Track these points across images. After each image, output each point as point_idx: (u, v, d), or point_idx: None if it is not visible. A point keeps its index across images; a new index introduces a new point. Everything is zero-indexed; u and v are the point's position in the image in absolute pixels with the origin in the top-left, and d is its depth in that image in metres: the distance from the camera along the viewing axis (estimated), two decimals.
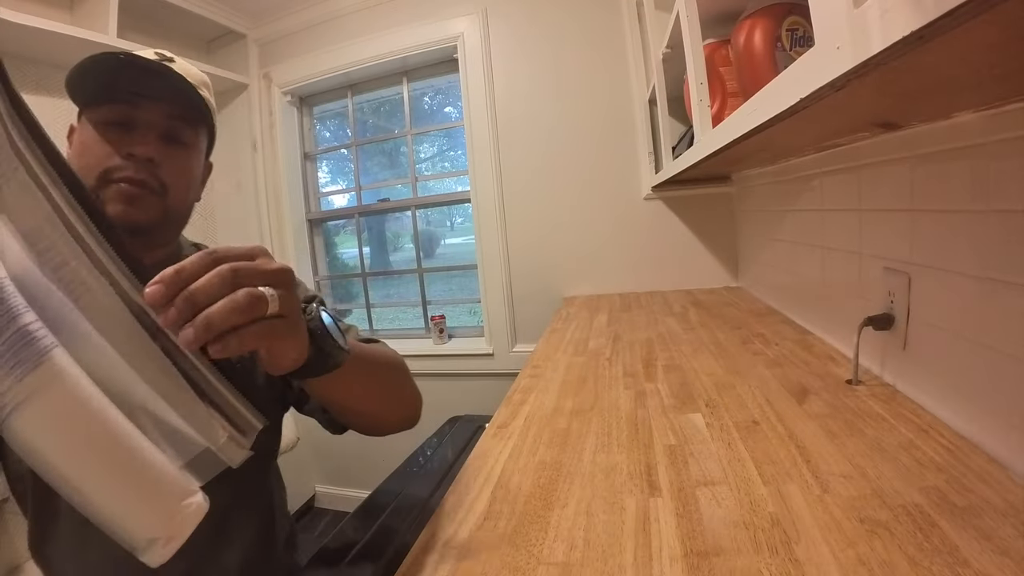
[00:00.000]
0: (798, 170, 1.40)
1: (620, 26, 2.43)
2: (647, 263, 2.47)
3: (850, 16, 0.39)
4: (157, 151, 0.77)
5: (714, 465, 0.77)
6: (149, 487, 0.38)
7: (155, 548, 0.37)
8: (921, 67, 0.42)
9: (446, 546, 0.66)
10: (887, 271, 0.95)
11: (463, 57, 2.64)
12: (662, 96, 1.90)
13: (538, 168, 2.57)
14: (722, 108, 1.25)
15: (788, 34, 0.95)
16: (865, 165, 1.02)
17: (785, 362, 1.17)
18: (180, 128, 0.82)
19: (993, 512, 0.57)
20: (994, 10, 0.27)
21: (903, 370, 0.93)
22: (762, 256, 1.94)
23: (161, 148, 0.78)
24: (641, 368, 1.27)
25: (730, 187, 2.31)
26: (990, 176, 0.68)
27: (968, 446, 0.72)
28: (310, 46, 2.92)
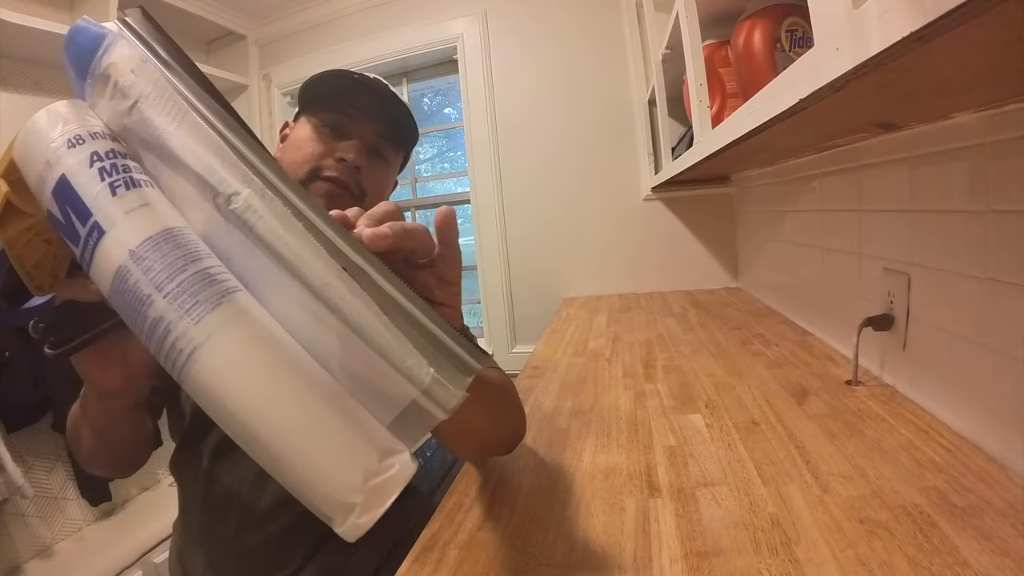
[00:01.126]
0: (797, 171, 1.40)
1: (620, 27, 2.44)
2: (647, 264, 2.47)
3: (849, 17, 0.39)
4: (364, 161, 0.87)
5: (714, 466, 0.77)
6: (344, 441, 0.32)
7: (350, 517, 0.31)
8: (920, 68, 0.42)
9: (446, 546, 0.66)
10: (886, 272, 0.95)
11: (463, 58, 2.65)
12: (662, 97, 1.90)
13: (538, 169, 2.57)
14: (722, 109, 1.25)
15: (787, 35, 0.95)
16: (864, 166, 1.02)
17: (785, 363, 1.17)
18: (385, 146, 0.92)
19: (993, 512, 0.57)
20: (993, 11, 0.27)
21: (903, 371, 0.93)
22: (762, 257, 1.94)
23: (366, 159, 0.88)
24: (641, 369, 1.27)
25: (730, 188, 2.31)
26: (989, 177, 0.68)
27: (968, 446, 0.72)
28: (310, 47, 2.92)
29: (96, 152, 0.37)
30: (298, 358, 0.33)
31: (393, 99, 0.89)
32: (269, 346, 0.33)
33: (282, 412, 0.32)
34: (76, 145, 0.37)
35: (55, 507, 2.14)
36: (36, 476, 2.07)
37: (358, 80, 0.87)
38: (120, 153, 0.38)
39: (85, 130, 0.38)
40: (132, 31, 0.39)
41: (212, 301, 0.32)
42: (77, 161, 0.37)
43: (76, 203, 0.36)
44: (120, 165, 0.37)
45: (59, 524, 2.14)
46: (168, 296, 0.32)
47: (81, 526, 2.21)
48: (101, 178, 0.36)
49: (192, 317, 0.32)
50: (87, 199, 0.36)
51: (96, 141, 0.38)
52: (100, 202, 0.35)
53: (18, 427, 2.01)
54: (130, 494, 2.44)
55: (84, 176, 0.36)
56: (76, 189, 0.36)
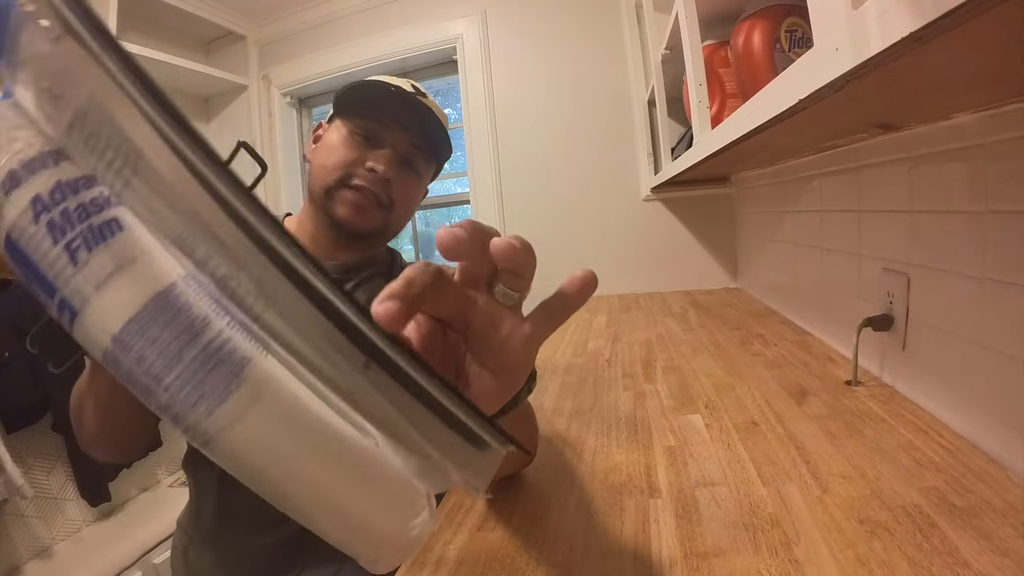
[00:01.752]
0: (797, 171, 1.40)
1: (619, 27, 2.44)
2: (646, 264, 2.47)
3: (849, 17, 0.39)
4: (394, 172, 0.88)
5: (713, 466, 0.77)
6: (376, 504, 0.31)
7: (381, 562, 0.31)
8: (920, 68, 0.42)
9: (446, 547, 0.65)
10: (886, 272, 0.95)
11: (462, 59, 2.65)
12: (661, 97, 1.91)
13: (537, 169, 2.58)
14: (721, 109, 1.25)
15: (787, 35, 0.95)
16: (864, 166, 1.02)
17: (784, 363, 1.17)
18: (417, 156, 0.92)
19: (992, 512, 0.57)
20: (992, 11, 0.27)
21: (902, 371, 0.93)
22: (761, 257, 1.95)
23: (397, 170, 0.89)
24: (640, 369, 1.27)
25: (729, 188, 2.31)
26: (988, 177, 0.68)
27: (967, 446, 0.72)
28: (309, 47, 2.92)
29: (39, 197, 0.27)
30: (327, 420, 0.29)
31: (428, 113, 0.89)
32: (296, 417, 0.28)
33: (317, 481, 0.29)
34: (10, 190, 0.27)
35: (55, 507, 2.14)
36: (35, 476, 2.08)
37: (395, 92, 0.87)
38: (69, 185, 0.27)
39: (17, 159, 0.27)
40: None
41: (221, 390, 0.26)
42: (18, 214, 0.27)
43: (34, 271, 0.27)
44: (73, 210, 0.27)
45: (59, 524, 2.14)
46: (170, 390, 0.26)
47: (80, 526, 2.22)
48: (54, 240, 0.26)
49: (203, 410, 0.26)
50: (45, 270, 0.27)
51: (35, 176, 0.27)
52: (62, 275, 0.26)
53: (18, 427, 2.02)
54: (130, 494, 2.44)
55: (32, 238, 0.27)
56: (29, 255, 0.27)
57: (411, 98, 0.88)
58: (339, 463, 0.29)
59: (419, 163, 0.93)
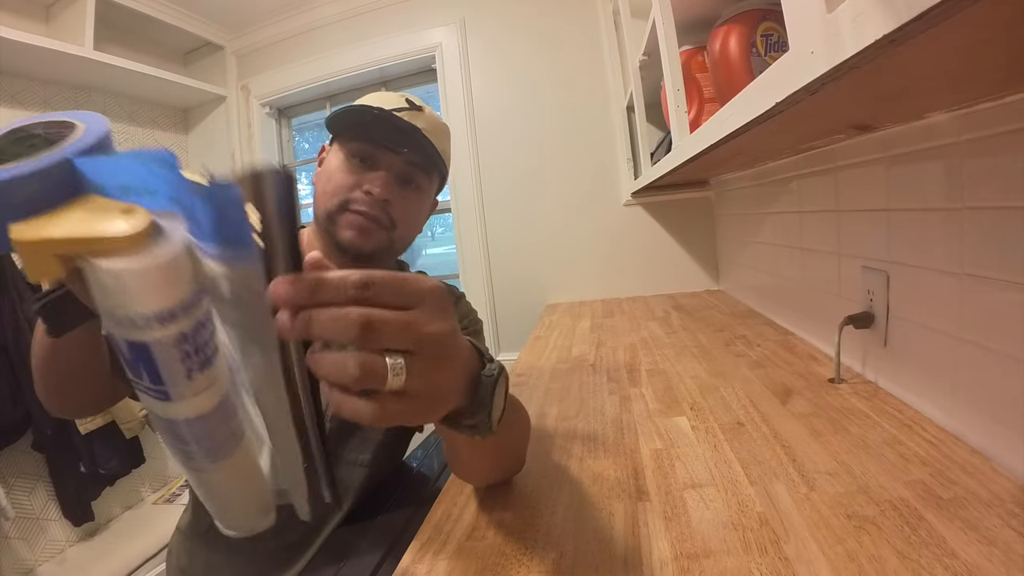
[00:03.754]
0: (775, 173, 1.42)
1: (597, 34, 2.46)
2: (628, 268, 2.48)
3: (823, 21, 0.40)
4: (391, 192, 0.89)
5: (701, 467, 0.77)
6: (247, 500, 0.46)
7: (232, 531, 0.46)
8: (894, 69, 0.43)
9: (436, 556, 0.65)
10: (866, 270, 0.96)
11: (441, 67, 2.65)
12: (640, 103, 1.92)
13: (518, 177, 2.58)
14: (699, 114, 1.26)
15: (763, 39, 0.96)
16: (841, 167, 1.04)
17: (768, 363, 1.18)
18: (415, 173, 0.92)
19: (978, 503, 0.58)
20: (964, 12, 0.28)
21: (884, 367, 0.94)
22: (742, 259, 1.96)
23: (396, 189, 0.90)
24: (625, 373, 1.27)
25: (709, 191, 2.33)
26: (964, 174, 0.69)
27: (951, 439, 0.73)
28: (288, 57, 2.91)
29: (184, 334, 0.35)
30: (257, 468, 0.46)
31: (414, 131, 0.89)
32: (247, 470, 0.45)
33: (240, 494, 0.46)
34: (167, 323, 0.34)
35: (37, 528, 2.10)
36: (17, 496, 2.04)
37: (377, 114, 0.87)
38: (204, 324, 0.37)
39: (180, 304, 0.35)
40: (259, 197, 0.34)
41: (225, 453, 0.42)
42: (163, 337, 0.35)
43: (151, 367, 0.35)
44: (201, 344, 0.37)
45: (41, 545, 2.10)
46: (203, 449, 0.40)
47: (64, 547, 2.18)
48: (182, 360, 0.36)
49: (211, 458, 0.41)
50: (164, 372, 0.36)
51: (186, 317, 0.35)
52: (175, 378, 0.36)
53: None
54: (113, 513, 2.41)
55: (167, 354, 0.35)
56: (156, 361, 0.35)
57: (394, 119, 0.87)
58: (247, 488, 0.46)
59: (419, 179, 0.94)
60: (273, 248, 0.34)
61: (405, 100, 0.92)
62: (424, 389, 0.38)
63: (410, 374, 0.36)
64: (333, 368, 0.35)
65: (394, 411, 0.37)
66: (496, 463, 0.73)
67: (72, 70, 2.32)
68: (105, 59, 2.29)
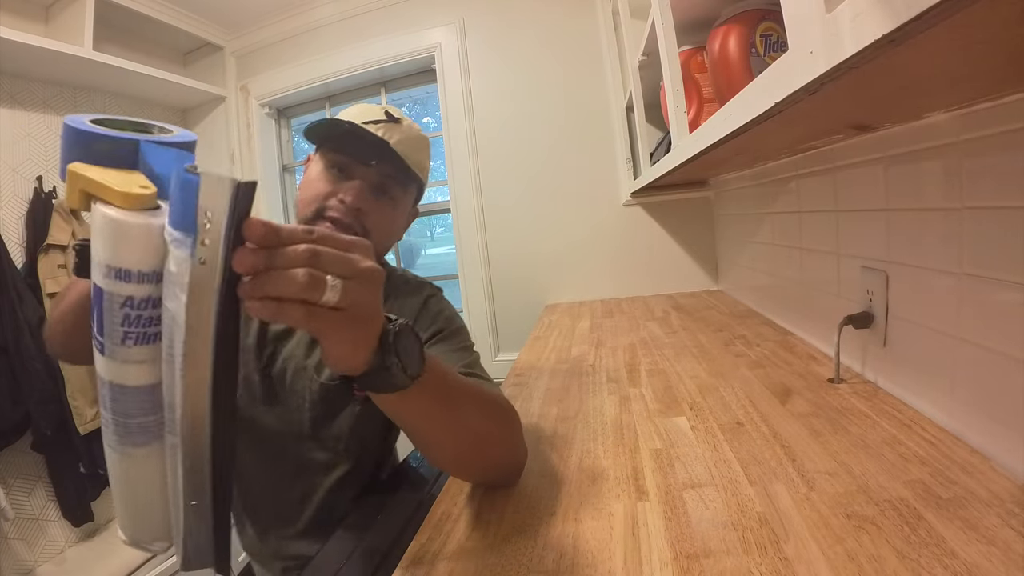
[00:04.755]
0: (775, 173, 1.42)
1: (596, 34, 2.46)
2: (628, 269, 2.48)
3: (822, 21, 0.40)
4: (365, 202, 0.91)
5: (700, 467, 0.77)
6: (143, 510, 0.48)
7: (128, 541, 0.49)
8: (893, 69, 0.43)
9: (435, 557, 0.65)
10: (865, 270, 0.96)
11: (441, 67, 2.65)
12: (639, 103, 1.92)
13: (517, 177, 2.58)
14: (698, 114, 1.26)
15: (762, 40, 0.96)
16: (840, 167, 1.04)
17: (767, 363, 1.18)
18: (390, 184, 0.95)
19: (978, 502, 0.58)
20: (963, 12, 0.28)
21: (884, 367, 0.94)
22: (742, 259, 1.96)
23: (370, 200, 0.92)
24: (625, 373, 1.28)
25: (708, 191, 2.33)
26: (963, 174, 0.69)
27: (950, 439, 0.73)
28: (287, 58, 2.91)
29: (132, 298, 0.41)
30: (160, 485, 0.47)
31: (383, 145, 0.90)
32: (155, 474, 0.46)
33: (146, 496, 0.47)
34: (122, 279, 0.40)
35: (37, 529, 2.10)
36: (16, 497, 2.04)
37: (348, 129, 0.90)
38: (151, 305, 0.42)
39: (138, 268, 0.40)
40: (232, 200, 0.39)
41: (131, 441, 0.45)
42: (115, 292, 0.40)
43: (99, 314, 0.41)
44: (146, 318, 0.42)
45: (41, 546, 2.10)
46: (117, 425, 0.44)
47: (63, 548, 2.18)
48: (122, 322, 0.41)
49: (119, 438, 0.44)
50: (106, 324, 0.41)
51: (139, 285, 0.41)
52: (112, 335, 0.41)
53: None
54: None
55: (112, 309, 0.41)
56: (103, 310, 0.41)
57: (362, 132, 0.90)
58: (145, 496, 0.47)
59: (393, 189, 0.96)
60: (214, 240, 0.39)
61: (384, 112, 0.95)
62: (350, 307, 0.46)
63: (343, 292, 0.44)
64: (283, 279, 0.41)
65: (323, 318, 0.45)
66: (457, 440, 0.69)
67: (72, 70, 2.31)
68: (104, 59, 2.29)
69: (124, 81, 2.55)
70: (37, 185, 2.24)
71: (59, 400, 2.11)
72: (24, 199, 2.22)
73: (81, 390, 2.16)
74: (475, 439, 0.71)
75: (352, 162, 0.92)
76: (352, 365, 0.51)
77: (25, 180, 2.23)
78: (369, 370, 0.52)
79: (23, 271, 2.14)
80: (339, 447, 0.97)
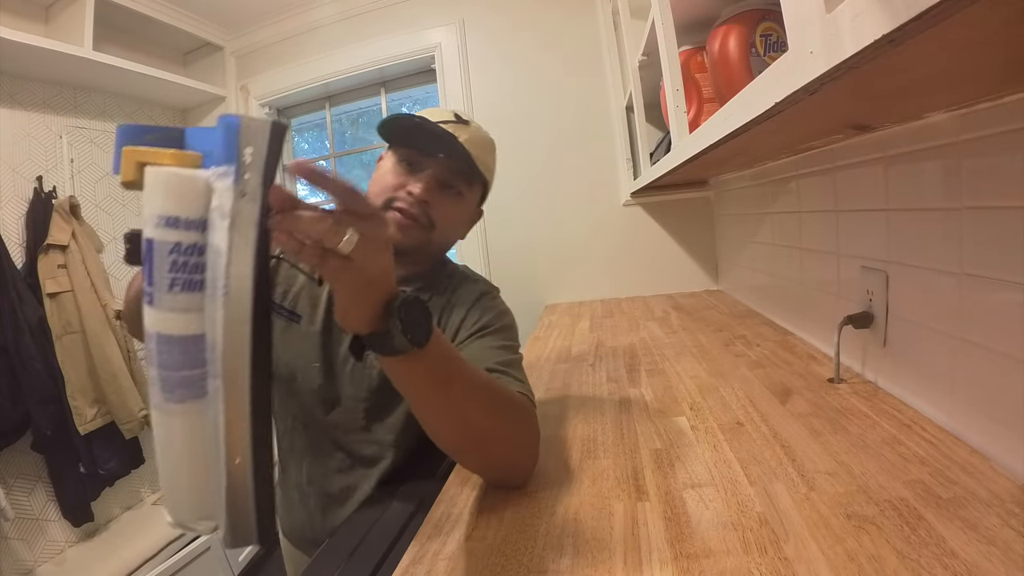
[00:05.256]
0: (775, 173, 1.42)
1: (596, 34, 2.46)
2: (628, 269, 2.48)
3: (823, 21, 0.40)
4: (431, 195, 0.94)
5: (700, 467, 0.77)
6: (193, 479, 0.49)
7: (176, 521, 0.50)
8: (893, 69, 0.43)
9: (435, 557, 0.65)
10: (865, 270, 0.96)
11: (440, 67, 2.65)
12: (639, 103, 1.92)
13: (517, 177, 2.57)
14: (698, 114, 1.26)
15: (762, 40, 0.96)
16: (840, 167, 1.04)
17: (767, 363, 1.18)
18: (455, 179, 0.98)
19: (978, 503, 0.58)
20: (963, 12, 0.28)
21: (884, 367, 0.94)
22: (741, 259, 1.96)
23: (436, 192, 0.95)
24: (624, 373, 1.28)
25: (708, 191, 2.33)
26: (963, 174, 0.69)
27: (950, 439, 0.73)
28: (287, 58, 2.91)
29: (179, 244, 0.44)
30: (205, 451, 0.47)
31: (451, 139, 0.93)
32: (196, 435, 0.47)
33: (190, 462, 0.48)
34: (170, 226, 0.44)
35: (36, 529, 2.10)
36: (16, 497, 2.04)
37: (418, 123, 0.93)
38: (198, 252, 0.45)
39: (185, 215, 0.44)
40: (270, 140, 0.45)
41: (179, 396, 0.46)
42: (163, 239, 0.44)
43: (149, 266, 0.44)
44: (192, 264, 0.45)
45: (40, 546, 2.10)
46: (163, 380, 0.46)
47: (63, 548, 2.18)
48: (171, 268, 0.44)
49: (167, 394, 0.46)
50: (155, 272, 0.44)
51: (186, 231, 0.44)
52: (160, 283, 0.44)
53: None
54: (113, 514, 2.41)
55: (161, 256, 0.44)
56: (153, 257, 0.44)
57: (432, 126, 0.93)
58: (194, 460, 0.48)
59: (459, 184, 0.99)
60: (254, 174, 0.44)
61: (453, 114, 0.99)
62: (359, 261, 0.50)
63: (357, 246, 0.49)
64: (307, 222, 0.46)
65: (335, 265, 0.50)
66: (453, 428, 0.70)
67: (72, 70, 2.31)
68: (104, 59, 2.29)
69: (124, 81, 2.54)
70: (37, 185, 2.24)
71: (59, 400, 2.11)
72: (24, 199, 2.22)
73: (81, 390, 2.16)
74: (475, 431, 0.71)
75: (421, 156, 0.96)
76: (359, 322, 0.56)
77: (25, 180, 2.23)
78: (374, 331, 0.57)
79: (23, 271, 2.14)
80: (388, 440, 0.99)
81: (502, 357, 0.88)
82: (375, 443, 0.99)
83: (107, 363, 2.23)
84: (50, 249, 2.16)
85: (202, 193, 0.44)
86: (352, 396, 0.98)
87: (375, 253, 0.52)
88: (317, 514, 1.02)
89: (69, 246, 2.21)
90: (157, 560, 2.17)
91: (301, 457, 1.04)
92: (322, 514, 1.02)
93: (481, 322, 0.96)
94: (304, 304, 1.01)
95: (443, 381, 0.65)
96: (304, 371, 0.99)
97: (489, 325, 0.96)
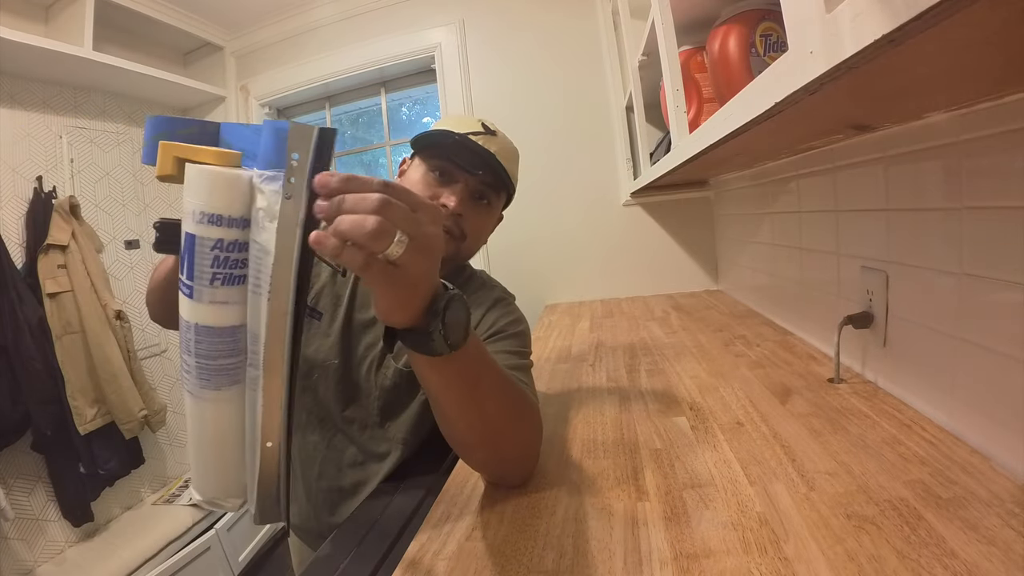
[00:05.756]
0: (775, 173, 1.42)
1: (596, 35, 2.46)
2: (628, 269, 2.48)
3: (822, 21, 0.40)
4: (464, 207, 0.97)
5: (700, 467, 0.77)
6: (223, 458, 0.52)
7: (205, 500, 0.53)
8: (893, 69, 0.43)
9: (435, 557, 0.65)
10: (865, 270, 0.96)
11: (440, 67, 2.65)
12: (639, 103, 1.92)
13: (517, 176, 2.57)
14: (698, 114, 1.26)
15: (762, 40, 0.96)
16: (841, 167, 1.04)
17: (767, 363, 1.18)
18: (486, 191, 1.01)
19: (978, 503, 0.58)
20: (963, 12, 0.28)
21: (884, 367, 0.94)
22: (741, 259, 1.96)
23: (468, 204, 0.98)
24: (625, 373, 1.28)
25: (708, 191, 2.33)
26: (963, 174, 0.69)
27: (950, 439, 0.73)
28: (287, 58, 2.91)
29: (222, 240, 0.46)
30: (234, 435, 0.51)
31: (488, 155, 0.96)
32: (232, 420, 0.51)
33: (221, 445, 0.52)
34: (212, 223, 0.45)
35: (36, 529, 2.10)
36: (16, 497, 2.04)
37: (459, 140, 0.95)
38: (240, 248, 0.47)
39: (228, 213, 0.45)
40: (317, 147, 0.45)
41: (215, 384, 0.49)
42: (205, 235, 0.45)
43: (190, 260, 0.46)
44: (232, 260, 0.47)
45: (40, 546, 2.10)
46: (200, 368, 0.48)
47: (63, 548, 2.18)
48: (212, 263, 0.46)
49: (202, 382, 0.48)
50: (195, 267, 0.46)
51: (228, 228, 0.46)
52: (201, 276, 0.46)
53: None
54: (113, 514, 2.41)
55: (203, 251, 0.45)
56: (194, 252, 0.45)
57: (472, 144, 0.95)
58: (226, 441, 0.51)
59: (489, 195, 1.02)
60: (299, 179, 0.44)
61: (481, 124, 1.01)
62: (409, 265, 0.48)
63: (406, 250, 0.46)
64: (353, 223, 0.44)
65: (380, 271, 0.47)
66: (469, 422, 0.70)
67: (72, 70, 2.32)
68: (104, 59, 2.29)
69: (124, 81, 2.55)
70: (37, 185, 2.24)
71: (59, 400, 2.12)
72: (24, 199, 2.22)
73: (81, 390, 2.16)
74: (490, 428, 0.71)
75: (456, 169, 0.97)
76: (398, 320, 0.55)
77: (25, 180, 2.23)
78: (413, 328, 0.56)
79: (23, 271, 2.14)
80: (399, 436, 1.00)
81: (512, 362, 0.89)
82: (387, 439, 1.01)
83: (107, 363, 2.23)
84: (50, 249, 2.17)
85: (245, 192, 0.46)
86: (367, 393, 0.99)
87: (423, 254, 0.49)
88: (324, 507, 1.03)
89: (69, 246, 2.22)
90: (157, 560, 2.17)
91: (314, 451, 1.04)
92: (329, 508, 1.03)
93: (496, 326, 0.97)
94: (326, 302, 1.02)
95: (472, 381, 0.66)
96: (322, 367, 1.01)
97: (504, 330, 0.96)
